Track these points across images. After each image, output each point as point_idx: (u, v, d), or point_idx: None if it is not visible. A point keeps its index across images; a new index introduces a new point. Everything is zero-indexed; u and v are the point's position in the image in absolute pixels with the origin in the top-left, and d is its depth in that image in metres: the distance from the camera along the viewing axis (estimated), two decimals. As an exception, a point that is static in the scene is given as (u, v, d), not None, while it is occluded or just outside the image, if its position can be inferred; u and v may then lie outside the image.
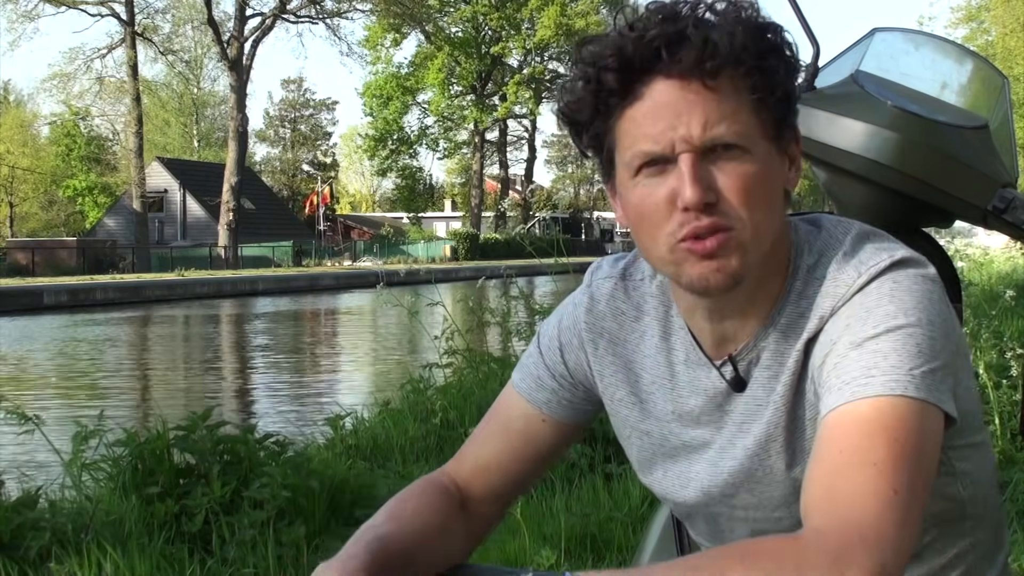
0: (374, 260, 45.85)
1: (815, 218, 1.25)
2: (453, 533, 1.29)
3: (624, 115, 1.14)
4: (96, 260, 39.78)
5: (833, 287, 1.15)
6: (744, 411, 1.21)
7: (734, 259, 1.11)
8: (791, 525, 1.16)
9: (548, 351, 1.36)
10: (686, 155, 1.10)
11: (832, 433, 1.05)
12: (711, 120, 1.10)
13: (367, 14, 53.23)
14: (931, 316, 1.10)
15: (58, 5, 45.85)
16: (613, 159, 1.17)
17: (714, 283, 1.12)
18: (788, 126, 1.17)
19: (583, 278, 1.38)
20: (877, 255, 1.15)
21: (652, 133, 1.11)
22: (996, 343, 5.60)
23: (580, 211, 77.90)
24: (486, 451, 1.36)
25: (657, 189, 1.12)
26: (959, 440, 1.20)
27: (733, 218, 1.10)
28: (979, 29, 38.61)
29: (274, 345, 18.39)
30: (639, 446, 1.32)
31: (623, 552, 3.71)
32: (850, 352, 1.08)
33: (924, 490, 1.03)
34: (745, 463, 1.21)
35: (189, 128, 71.55)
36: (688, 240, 1.11)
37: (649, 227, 1.14)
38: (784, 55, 1.14)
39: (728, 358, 1.22)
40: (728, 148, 1.10)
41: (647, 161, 1.12)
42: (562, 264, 6.94)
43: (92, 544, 3.56)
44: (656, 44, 1.10)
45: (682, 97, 1.10)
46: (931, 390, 1.05)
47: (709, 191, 1.10)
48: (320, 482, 4.18)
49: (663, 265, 1.16)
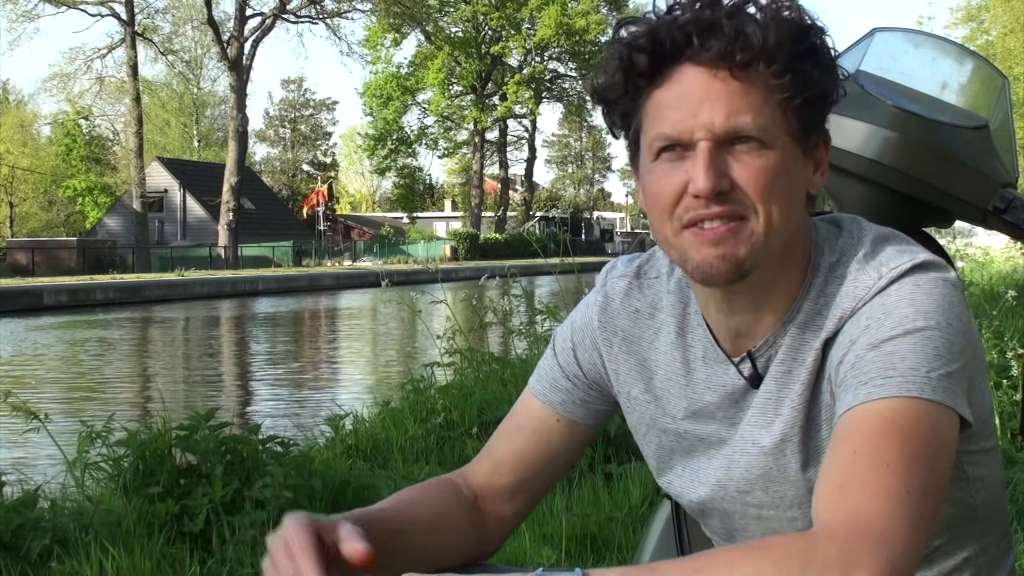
0: (374, 260, 45.88)
1: (834, 218, 1.24)
2: (459, 528, 1.31)
3: (652, 97, 1.14)
4: (96, 260, 39.77)
5: (853, 287, 1.15)
6: (760, 407, 1.21)
7: (742, 248, 1.11)
8: (804, 526, 1.16)
9: (562, 352, 1.37)
10: (704, 143, 1.10)
11: (847, 432, 1.05)
12: (734, 110, 1.10)
13: (367, 14, 53.26)
14: (950, 319, 1.10)
15: (58, 5, 45.80)
16: (639, 140, 1.18)
17: (717, 270, 1.12)
18: (817, 129, 1.17)
19: (588, 278, 1.38)
20: (899, 257, 1.15)
21: (674, 118, 1.12)
22: (997, 343, 5.61)
23: (580, 211, 77.89)
24: (501, 452, 1.37)
25: (673, 173, 1.13)
26: (973, 445, 1.19)
27: (746, 207, 1.11)
28: (979, 29, 38.58)
29: (274, 345, 18.39)
30: (657, 443, 1.32)
31: (623, 552, 3.71)
32: (868, 353, 1.08)
33: (937, 492, 1.03)
34: (760, 461, 1.21)
35: (189, 128, 71.55)
36: (692, 227, 1.12)
37: (660, 210, 1.15)
38: (822, 59, 1.14)
39: (747, 354, 1.21)
40: (748, 140, 1.11)
41: (667, 145, 1.13)
42: (565, 263, 6.96)
43: (93, 544, 3.56)
44: (688, 29, 1.11)
45: (708, 85, 1.11)
46: (947, 393, 1.05)
47: (723, 179, 1.10)
48: (322, 482, 4.18)
49: (671, 249, 1.17)
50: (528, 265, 18.96)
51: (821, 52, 1.14)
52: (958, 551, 1.25)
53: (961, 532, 1.24)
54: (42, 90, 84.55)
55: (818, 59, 1.13)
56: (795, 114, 1.13)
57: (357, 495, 4.30)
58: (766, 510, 1.23)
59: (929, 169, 1.69)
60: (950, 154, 1.69)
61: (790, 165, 1.13)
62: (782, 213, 1.12)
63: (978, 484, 1.23)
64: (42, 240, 46.36)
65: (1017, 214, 1.70)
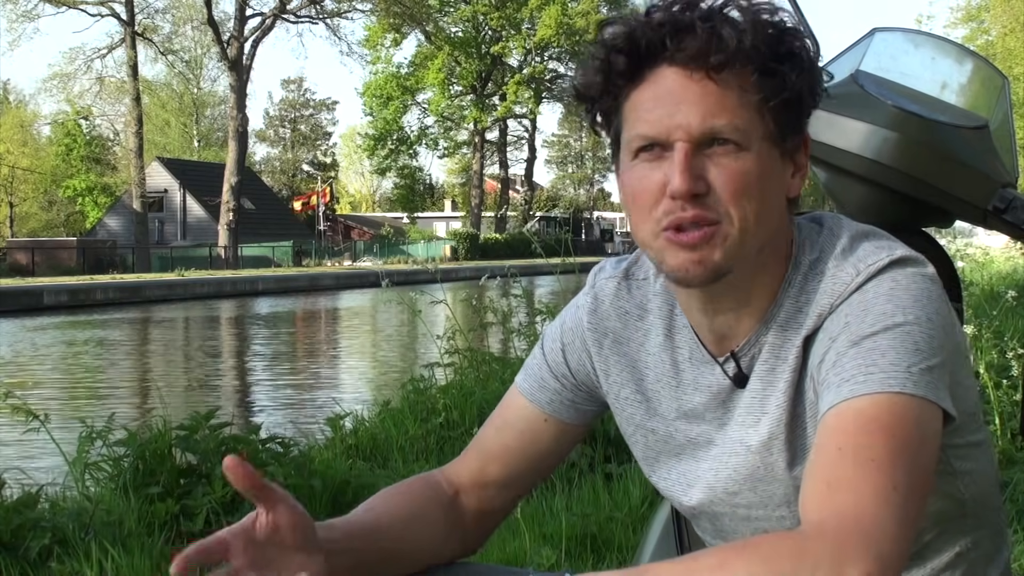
0: (374, 260, 45.87)
1: (817, 216, 1.25)
2: (435, 525, 1.32)
3: (630, 97, 1.16)
4: (96, 260, 39.77)
5: (832, 284, 1.16)
6: (746, 407, 1.22)
7: (716, 253, 1.12)
8: (793, 524, 1.16)
9: (551, 352, 1.37)
10: (681, 144, 1.11)
11: (831, 430, 1.05)
12: (710, 112, 1.11)
13: (367, 14, 53.27)
14: (929, 314, 1.11)
15: (58, 5, 45.82)
16: (619, 139, 1.19)
17: (693, 274, 1.13)
18: (795, 132, 1.17)
19: (586, 279, 1.39)
20: (876, 253, 1.16)
21: (651, 118, 1.13)
22: (997, 343, 5.60)
23: (580, 211, 77.91)
24: (487, 450, 1.37)
25: (651, 174, 1.14)
26: (958, 439, 1.20)
27: (720, 212, 1.12)
28: (979, 29, 38.62)
29: (274, 345, 18.39)
30: (644, 444, 1.33)
31: (623, 552, 3.71)
32: (849, 350, 1.09)
33: (923, 487, 1.03)
34: (748, 460, 1.22)
35: (189, 128, 71.54)
36: (669, 230, 1.13)
37: (639, 210, 1.16)
38: (801, 62, 1.14)
39: (731, 354, 1.22)
40: (724, 143, 1.11)
41: (644, 145, 1.14)
42: (566, 263, 6.95)
43: (93, 544, 3.56)
44: (663, 31, 1.12)
45: (685, 86, 1.12)
46: (929, 387, 1.06)
47: (699, 181, 1.11)
48: (322, 482, 4.18)
49: (649, 250, 1.18)
50: (528, 265, 18.96)
51: (800, 54, 1.14)
52: (949, 546, 1.25)
53: (951, 527, 1.24)
54: (42, 90, 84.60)
55: (796, 61, 1.14)
56: (772, 116, 1.13)
57: (357, 495, 4.29)
58: (755, 510, 1.24)
59: (929, 169, 1.69)
60: (950, 154, 1.69)
61: (767, 168, 1.14)
62: (757, 217, 1.13)
63: (966, 479, 1.23)
64: (42, 240, 46.37)
65: (1017, 214, 1.70)
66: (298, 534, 1.16)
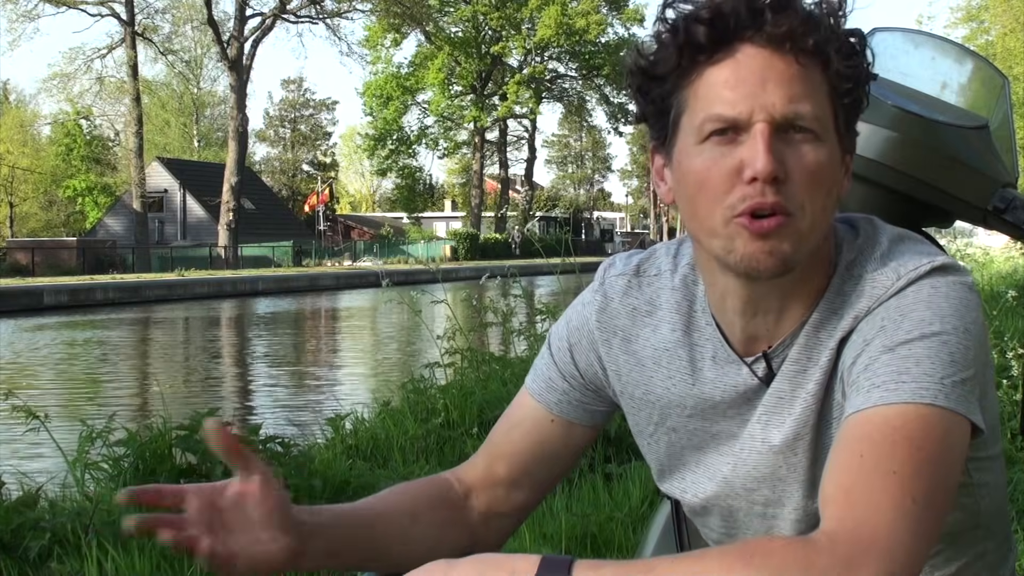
0: (374, 260, 45.87)
1: (847, 218, 1.22)
2: (443, 523, 1.32)
3: (704, 75, 1.09)
4: (96, 260, 39.77)
5: (870, 287, 1.12)
6: (772, 406, 1.18)
7: (787, 244, 1.07)
8: (808, 526, 1.14)
9: (558, 352, 1.34)
10: (762, 124, 1.06)
11: (855, 436, 1.02)
12: (796, 95, 1.06)
13: (367, 14, 53.28)
14: (967, 324, 1.07)
15: (58, 5, 45.82)
16: (678, 122, 1.12)
17: (764, 265, 1.08)
18: (851, 132, 1.15)
19: (588, 278, 1.36)
20: (917, 259, 1.12)
21: (732, 97, 1.07)
22: (997, 343, 5.61)
23: (580, 211, 77.93)
24: (495, 449, 1.36)
25: (724, 158, 1.07)
26: (981, 452, 1.18)
27: (795, 204, 1.07)
28: (979, 29, 38.64)
29: (274, 345, 18.39)
30: (666, 441, 1.29)
31: (623, 552, 3.71)
32: (882, 355, 1.06)
33: (944, 502, 1.01)
34: (769, 459, 1.19)
35: (189, 128, 71.54)
36: (745, 216, 1.07)
37: (708, 198, 1.09)
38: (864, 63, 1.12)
39: (762, 355, 1.18)
40: (802, 131, 1.07)
41: (719, 128, 1.08)
42: (566, 263, 6.96)
43: (93, 544, 3.56)
44: (759, 4, 1.07)
45: (771, 65, 1.07)
46: (960, 400, 1.03)
47: (781, 166, 1.06)
48: (322, 482, 4.18)
49: (714, 239, 1.10)
50: (528, 265, 18.97)
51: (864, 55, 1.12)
52: (958, 556, 1.23)
53: (963, 538, 1.22)
54: (42, 90, 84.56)
55: (863, 60, 1.12)
56: (843, 111, 1.11)
57: (357, 495, 4.29)
58: (772, 508, 1.21)
59: (929, 169, 1.68)
60: (950, 154, 1.69)
61: (836, 163, 1.11)
62: (824, 210, 1.09)
63: (983, 490, 1.21)
64: (42, 240, 46.37)
65: (1017, 214, 1.69)
66: (265, 510, 1.16)
